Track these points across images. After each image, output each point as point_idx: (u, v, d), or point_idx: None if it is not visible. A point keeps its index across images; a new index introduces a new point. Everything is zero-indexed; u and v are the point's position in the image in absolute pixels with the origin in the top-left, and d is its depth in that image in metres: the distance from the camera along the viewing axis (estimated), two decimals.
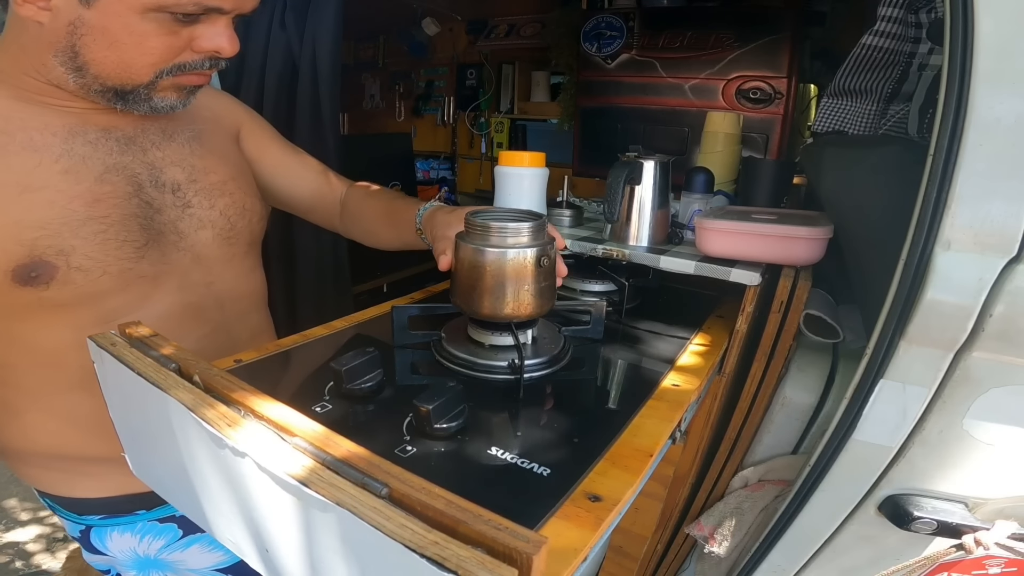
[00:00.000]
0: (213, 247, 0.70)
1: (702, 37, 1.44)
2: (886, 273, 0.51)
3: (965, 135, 0.44)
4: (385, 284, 2.00)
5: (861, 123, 0.90)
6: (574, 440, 0.51)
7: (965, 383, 0.49)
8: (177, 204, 0.66)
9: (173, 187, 0.66)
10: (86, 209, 0.57)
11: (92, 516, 0.70)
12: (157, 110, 0.61)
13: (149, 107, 0.60)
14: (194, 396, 0.42)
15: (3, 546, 1.68)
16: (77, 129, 0.59)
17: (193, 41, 0.57)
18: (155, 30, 0.54)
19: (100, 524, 0.71)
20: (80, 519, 0.71)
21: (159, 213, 0.64)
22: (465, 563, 0.28)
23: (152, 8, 0.53)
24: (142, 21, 0.53)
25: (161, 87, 0.59)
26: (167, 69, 0.58)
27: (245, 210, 0.73)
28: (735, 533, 0.77)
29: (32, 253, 0.54)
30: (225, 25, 0.58)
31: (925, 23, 0.80)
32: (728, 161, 1.10)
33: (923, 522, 0.53)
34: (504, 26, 2.21)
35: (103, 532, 0.71)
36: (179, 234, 0.66)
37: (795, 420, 0.76)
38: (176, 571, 0.75)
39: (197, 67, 0.59)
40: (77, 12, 0.52)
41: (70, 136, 0.58)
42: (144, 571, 0.75)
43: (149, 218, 0.63)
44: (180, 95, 0.62)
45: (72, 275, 0.56)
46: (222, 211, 0.70)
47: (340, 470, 0.35)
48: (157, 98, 0.60)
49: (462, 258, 0.63)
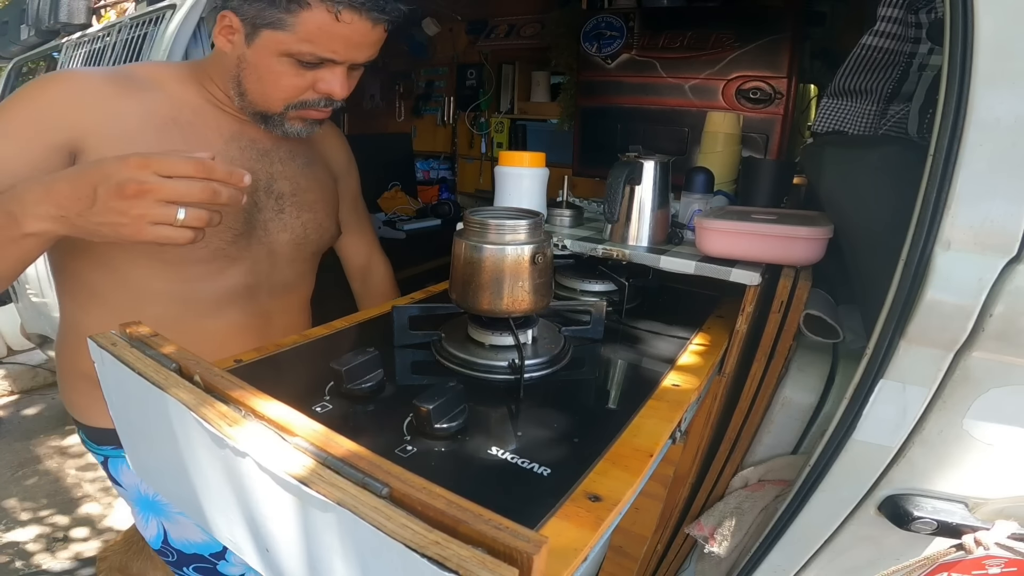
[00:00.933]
0: (286, 248, 0.84)
1: (702, 37, 1.44)
2: (886, 273, 0.51)
3: (965, 135, 0.45)
4: None
5: (861, 123, 0.90)
6: (574, 440, 0.51)
7: (965, 383, 0.49)
8: (275, 208, 0.81)
9: (278, 195, 0.81)
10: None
11: (107, 447, 0.82)
12: (288, 134, 0.76)
13: (282, 131, 0.76)
14: (194, 396, 0.42)
15: (3, 546, 1.68)
16: (236, 135, 0.77)
17: (315, 83, 0.71)
18: (287, 71, 0.69)
19: (114, 455, 0.82)
20: (99, 449, 0.83)
21: (260, 212, 0.79)
22: (466, 563, 0.28)
23: (285, 54, 0.68)
24: (278, 63, 0.69)
25: (290, 117, 0.74)
26: (293, 104, 0.73)
27: (320, 226, 0.88)
28: (735, 533, 0.77)
29: None
30: (341, 72, 0.71)
31: (925, 23, 0.80)
32: (728, 161, 1.10)
33: (923, 522, 0.53)
34: (504, 26, 2.21)
35: (117, 463, 0.83)
36: (266, 231, 0.80)
37: (795, 420, 0.76)
38: (169, 516, 0.83)
39: (315, 104, 0.74)
40: (243, 50, 0.70)
41: (231, 140, 0.76)
42: (144, 511, 0.84)
43: (252, 215, 0.78)
44: (305, 125, 0.76)
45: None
46: (304, 223, 0.84)
47: (340, 470, 0.35)
48: (288, 125, 0.75)
49: (460, 255, 0.63)
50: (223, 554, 0.85)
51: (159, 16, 1.30)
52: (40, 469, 2.07)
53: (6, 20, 2.31)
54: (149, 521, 0.84)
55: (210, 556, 0.85)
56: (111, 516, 1.83)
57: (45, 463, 2.10)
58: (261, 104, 0.73)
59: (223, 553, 0.85)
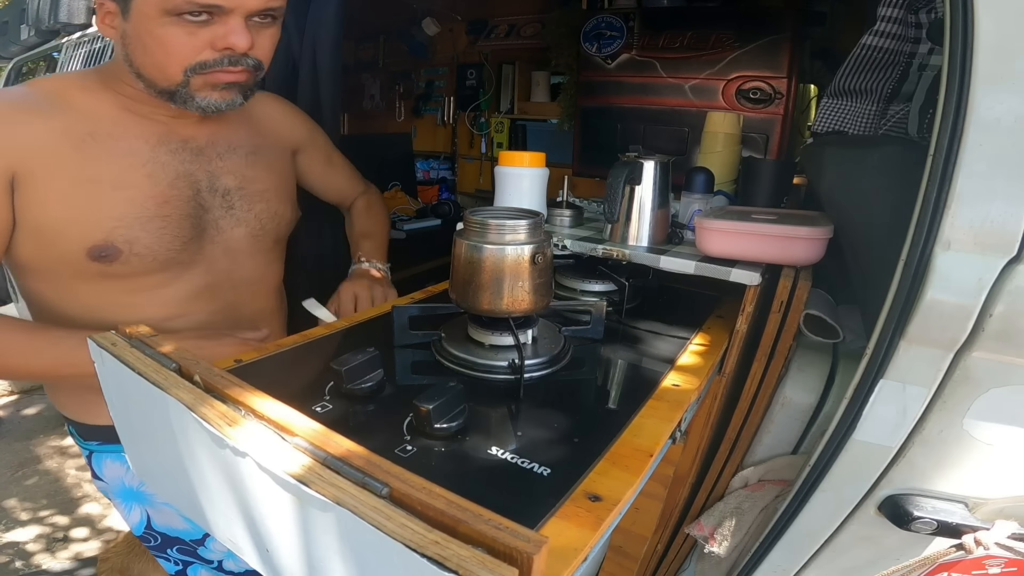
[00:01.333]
0: (243, 242, 0.81)
1: (702, 37, 1.44)
2: (886, 273, 0.51)
3: (965, 135, 0.44)
4: None
5: (861, 123, 0.90)
6: (574, 440, 0.51)
7: (965, 383, 0.49)
8: (223, 206, 0.78)
9: (224, 192, 0.78)
10: (156, 208, 0.70)
11: (93, 442, 0.82)
12: (204, 110, 0.69)
13: (196, 106, 0.68)
14: (194, 396, 0.42)
15: (3, 546, 1.68)
16: (164, 139, 0.72)
17: (212, 41, 0.65)
18: (173, 32, 0.63)
19: (98, 450, 0.83)
20: (86, 444, 0.83)
21: (207, 213, 0.76)
22: (466, 563, 0.28)
23: (164, 12, 0.61)
24: (160, 26, 0.62)
25: (196, 87, 0.67)
26: (191, 67, 0.65)
27: (276, 215, 0.84)
28: (735, 533, 0.77)
29: (107, 238, 0.67)
30: (237, 23, 0.65)
31: (925, 23, 0.80)
32: (728, 161, 1.10)
33: (923, 522, 0.53)
34: (504, 26, 2.21)
35: (101, 458, 0.83)
36: (218, 229, 0.77)
37: (795, 420, 0.76)
38: (153, 505, 0.84)
39: (218, 64, 0.66)
40: (123, 26, 0.65)
41: (158, 144, 0.71)
42: (127, 501, 0.85)
43: (199, 217, 0.75)
44: (222, 95, 0.69)
45: (131, 259, 0.69)
46: (257, 214, 0.81)
47: (340, 470, 0.35)
48: (199, 97, 0.68)
49: (460, 255, 0.64)
50: (203, 541, 0.86)
51: None
52: (40, 469, 2.07)
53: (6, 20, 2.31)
54: (132, 509, 0.85)
55: (191, 542, 0.86)
56: (111, 516, 1.83)
57: (45, 463, 2.10)
58: (160, 78, 0.66)
59: (203, 540, 0.86)
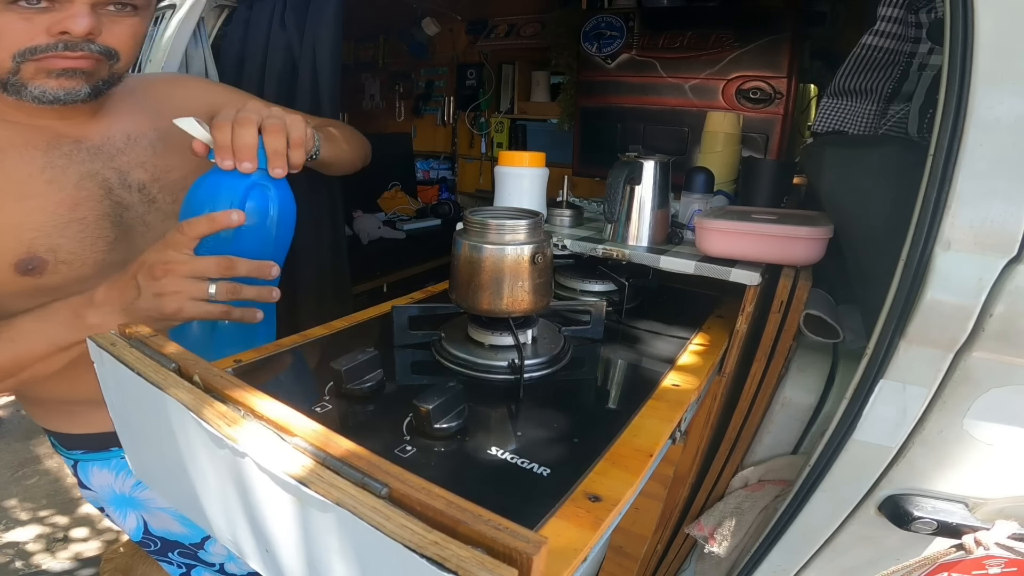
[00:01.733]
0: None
1: (702, 37, 1.44)
2: (886, 273, 0.51)
3: (965, 135, 0.44)
4: (385, 284, 2.00)
5: (861, 123, 0.90)
6: (574, 440, 0.51)
7: (965, 383, 0.49)
8: (143, 201, 0.75)
9: (139, 186, 0.75)
10: (68, 212, 0.68)
11: (77, 451, 0.82)
12: (40, 98, 0.63)
13: (31, 96, 0.63)
14: (194, 396, 0.42)
15: (3, 546, 1.68)
16: (54, 143, 0.68)
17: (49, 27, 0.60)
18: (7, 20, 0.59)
19: (83, 459, 0.82)
20: (69, 454, 0.82)
21: (128, 210, 0.73)
22: (465, 563, 0.28)
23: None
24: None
25: (27, 73, 0.62)
26: (20, 52, 0.61)
27: None
28: (735, 533, 0.77)
29: (29, 250, 0.65)
30: (79, 8, 0.60)
31: (925, 23, 0.80)
32: (728, 161, 1.10)
33: (923, 522, 0.53)
34: (504, 26, 2.21)
35: (87, 467, 0.82)
36: (147, 226, 0.75)
37: (795, 420, 0.76)
38: (148, 510, 0.83)
39: (51, 49, 0.61)
40: None
41: (49, 149, 0.68)
42: (121, 508, 0.84)
43: (119, 215, 0.72)
44: (60, 82, 0.63)
45: (59, 267, 0.67)
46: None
47: (340, 470, 0.35)
48: (31, 85, 0.63)
49: (460, 255, 0.64)
50: (202, 544, 0.86)
51: (159, 16, 1.30)
52: (40, 469, 2.07)
53: None
54: (127, 516, 0.85)
55: (190, 545, 0.86)
56: None
57: (45, 463, 2.10)
58: None
59: (202, 544, 0.86)
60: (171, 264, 0.59)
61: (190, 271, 0.59)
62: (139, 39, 0.69)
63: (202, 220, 0.60)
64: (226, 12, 1.27)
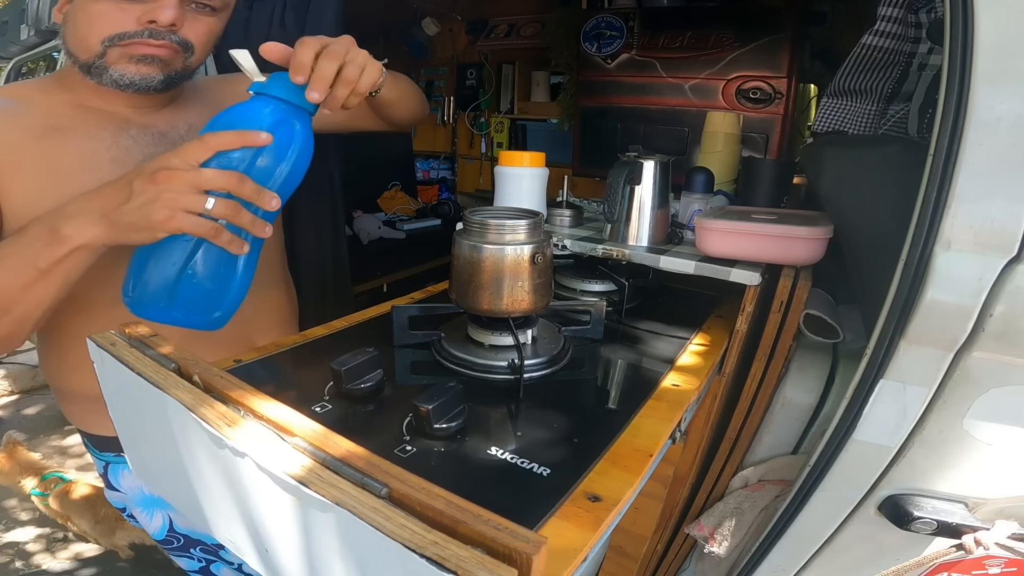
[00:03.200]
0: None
1: (702, 37, 1.44)
2: (886, 273, 0.51)
3: (965, 135, 0.44)
4: (385, 284, 2.00)
5: (861, 123, 0.90)
6: (574, 440, 0.51)
7: (965, 383, 0.49)
8: None
9: None
10: None
11: (109, 453, 0.82)
12: (118, 83, 0.68)
13: (111, 79, 0.68)
14: (194, 396, 0.42)
15: (3, 546, 1.68)
16: (122, 126, 0.72)
17: (139, 16, 0.66)
18: (104, 8, 0.65)
19: (115, 461, 0.83)
20: (101, 455, 0.83)
21: None
22: (465, 563, 0.28)
23: None
24: (93, 3, 0.65)
25: (111, 58, 0.67)
26: (110, 37, 0.66)
27: None
28: (735, 533, 0.77)
29: None
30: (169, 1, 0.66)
31: (925, 23, 0.80)
32: (728, 161, 1.10)
33: (923, 522, 0.53)
34: (504, 26, 2.21)
35: (117, 469, 0.83)
36: None
37: (795, 420, 0.76)
38: (175, 509, 0.83)
39: (137, 36, 0.66)
40: (67, 8, 0.68)
41: (117, 131, 0.72)
42: (149, 509, 0.84)
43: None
44: (138, 68, 0.68)
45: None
46: None
47: (340, 470, 0.35)
48: (113, 69, 0.68)
49: (460, 255, 0.64)
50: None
51: None
52: None
53: (6, 20, 2.31)
54: (154, 515, 0.85)
55: (213, 544, 0.86)
56: None
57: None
58: (82, 52, 0.67)
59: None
60: (177, 171, 0.55)
61: (195, 179, 0.55)
62: (214, 38, 0.74)
63: (229, 133, 0.57)
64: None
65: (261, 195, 0.58)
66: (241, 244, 0.60)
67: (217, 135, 0.58)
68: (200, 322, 0.61)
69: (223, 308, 0.62)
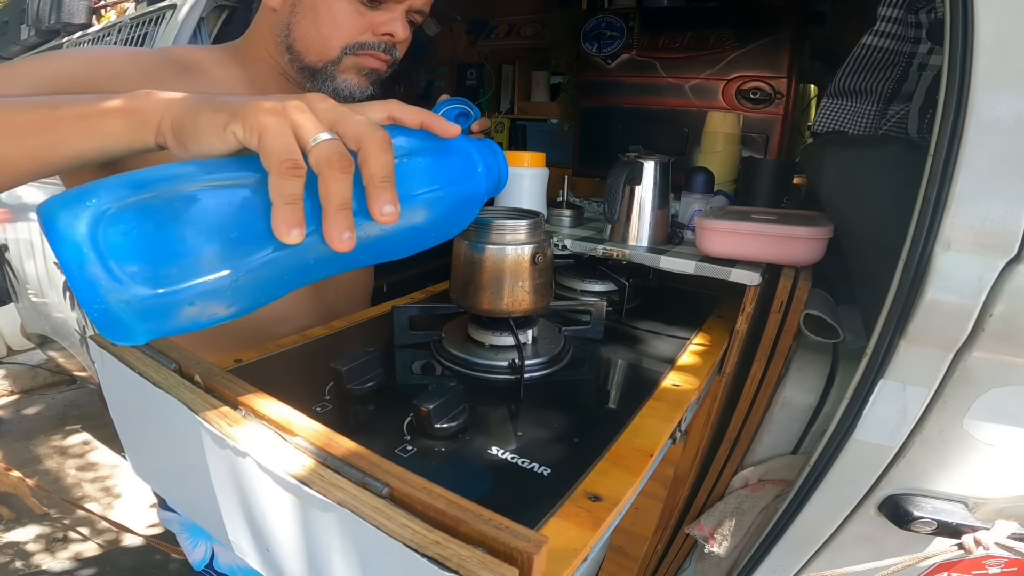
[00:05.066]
0: None
1: (702, 37, 1.43)
2: (886, 273, 0.51)
3: (965, 135, 0.45)
4: (385, 284, 2.00)
5: (861, 123, 0.90)
6: (574, 440, 0.51)
7: (965, 383, 0.49)
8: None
9: None
10: None
11: None
12: (339, 92, 0.68)
13: (332, 88, 0.68)
14: (195, 396, 0.42)
15: (3, 546, 1.68)
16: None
17: (374, 26, 0.67)
18: (347, 10, 0.65)
19: None
20: None
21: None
22: (466, 563, 0.28)
23: None
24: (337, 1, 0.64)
25: (344, 66, 0.68)
26: (350, 45, 0.66)
27: None
28: (735, 533, 0.77)
29: None
30: (401, 13, 0.67)
31: (925, 23, 0.80)
32: (728, 161, 1.10)
33: (923, 522, 0.53)
34: (504, 26, 2.20)
35: None
36: None
37: (795, 420, 0.76)
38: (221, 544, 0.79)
39: (374, 47, 0.67)
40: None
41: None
42: (195, 537, 0.82)
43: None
44: (360, 80, 0.69)
45: None
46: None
47: (341, 470, 0.35)
48: (340, 78, 0.68)
49: (460, 255, 0.64)
50: None
51: (159, 16, 1.30)
52: (40, 469, 2.07)
53: (6, 20, 2.31)
54: (198, 545, 0.82)
55: None
56: (111, 516, 1.83)
57: (45, 463, 2.10)
58: (315, 51, 0.66)
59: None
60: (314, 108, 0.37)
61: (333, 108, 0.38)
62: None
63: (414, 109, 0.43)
64: (226, 12, 1.27)
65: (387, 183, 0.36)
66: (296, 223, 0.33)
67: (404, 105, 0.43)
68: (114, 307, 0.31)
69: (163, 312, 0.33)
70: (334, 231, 0.34)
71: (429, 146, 0.43)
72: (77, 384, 2.70)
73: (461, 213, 0.47)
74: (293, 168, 0.33)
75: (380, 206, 0.35)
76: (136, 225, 0.31)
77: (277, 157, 0.33)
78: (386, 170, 0.36)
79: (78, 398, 2.61)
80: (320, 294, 0.78)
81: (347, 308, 0.83)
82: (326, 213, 0.34)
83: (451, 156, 0.45)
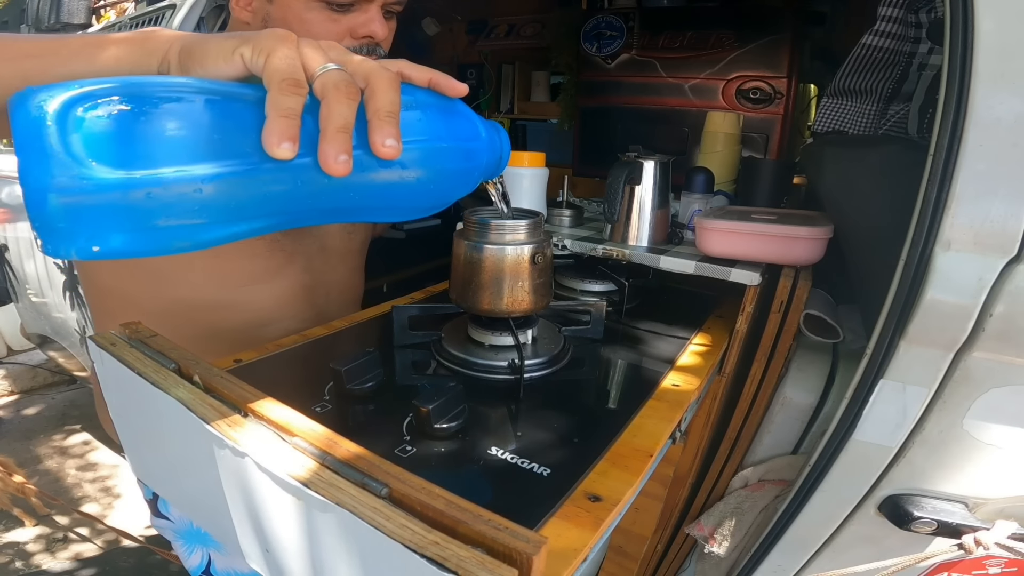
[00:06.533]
0: (336, 239, 0.80)
1: (702, 37, 1.43)
2: (886, 273, 0.51)
3: (965, 135, 0.44)
4: (385, 284, 2.00)
5: (861, 123, 0.90)
6: (574, 440, 0.51)
7: (965, 383, 0.49)
8: None
9: None
10: None
11: None
12: None
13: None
14: (194, 396, 0.42)
15: (3, 546, 1.68)
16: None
17: (352, 30, 0.64)
18: (319, 19, 0.63)
19: None
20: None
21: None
22: (465, 563, 0.28)
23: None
24: (307, 10, 0.62)
25: None
26: None
27: None
28: (735, 533, 0.77)
29: None
30: (376, 12, 0.65)
31: (925, 23, 0.80)
32: (728, 161, 1.10)
33: (923, 522, 0.53)
34: (504, 26, 2.20)
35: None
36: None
37: (795, 420, 0.76)
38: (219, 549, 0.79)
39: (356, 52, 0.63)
40: (266, 8, 0.64)
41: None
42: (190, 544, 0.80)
43: None
44: None
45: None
46: None
47: (340, 470, 0.35)
48: None
49: (460, 255, 0.64)
50: None
51: (159, 16, 1.30)
52: (40, 469, 2.07)
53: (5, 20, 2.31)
54: (194, 552, 0.81)
55: None
56: (111, 516, 1.83)
57: (45, 463, 2.10)
58: None
59: None
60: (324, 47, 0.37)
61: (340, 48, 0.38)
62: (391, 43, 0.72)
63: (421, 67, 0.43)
64: (226, 13, 1.27)
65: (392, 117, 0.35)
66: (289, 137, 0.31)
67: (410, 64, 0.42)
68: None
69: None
70: (331, 152, 0.32)
71: (435, 103, 0.43)
72: (77, 384, 2.70)
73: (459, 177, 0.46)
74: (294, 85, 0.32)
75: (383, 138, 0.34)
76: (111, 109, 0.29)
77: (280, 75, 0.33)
78: (393, 105, 0.35)
79: (78, 398, 2.61)
80: (311, 296, 0.79)
81: (337, 312, 0.83)
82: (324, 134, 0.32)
83: (456, 116, 0.45)
